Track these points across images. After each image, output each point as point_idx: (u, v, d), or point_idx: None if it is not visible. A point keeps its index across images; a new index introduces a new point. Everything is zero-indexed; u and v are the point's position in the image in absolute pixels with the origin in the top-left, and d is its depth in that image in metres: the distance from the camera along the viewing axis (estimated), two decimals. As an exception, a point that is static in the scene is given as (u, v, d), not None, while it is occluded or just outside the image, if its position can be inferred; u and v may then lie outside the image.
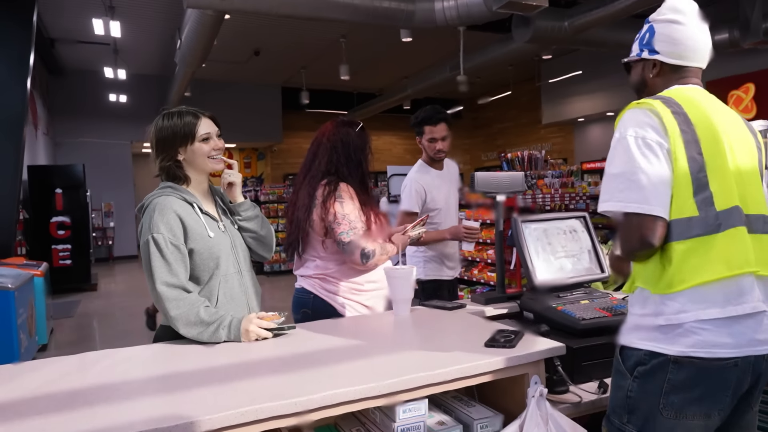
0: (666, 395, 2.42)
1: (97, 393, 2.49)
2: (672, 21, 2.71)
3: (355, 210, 4.13)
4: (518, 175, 4.40)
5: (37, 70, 17.93)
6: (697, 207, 2.42)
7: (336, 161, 4.25)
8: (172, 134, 3.42)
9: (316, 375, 2.63)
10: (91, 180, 18.81)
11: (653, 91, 2.77)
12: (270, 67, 23.40)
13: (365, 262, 4.06)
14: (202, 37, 13.64)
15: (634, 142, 2.49)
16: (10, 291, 7.82)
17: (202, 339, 3.18)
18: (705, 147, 2.48)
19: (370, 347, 3.15)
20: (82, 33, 17.69)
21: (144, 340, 3.33)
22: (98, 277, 18.63)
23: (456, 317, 3.77)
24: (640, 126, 2.51)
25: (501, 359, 2.79)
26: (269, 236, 3.80)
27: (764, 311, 2.44)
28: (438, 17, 12.28)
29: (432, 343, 3.14)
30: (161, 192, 3.40)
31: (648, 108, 2.53)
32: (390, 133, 31.40)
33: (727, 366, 2.39)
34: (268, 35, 18.97)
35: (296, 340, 3.25)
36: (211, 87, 24.48)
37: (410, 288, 3.85)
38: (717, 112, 2.64)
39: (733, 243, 2.42)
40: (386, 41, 18.91)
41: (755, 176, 2.64)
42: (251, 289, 3.65)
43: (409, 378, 2.57)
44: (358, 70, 22.20)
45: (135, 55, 20.86)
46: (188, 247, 3.32)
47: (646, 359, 2.48)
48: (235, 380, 2.58)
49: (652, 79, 2.81)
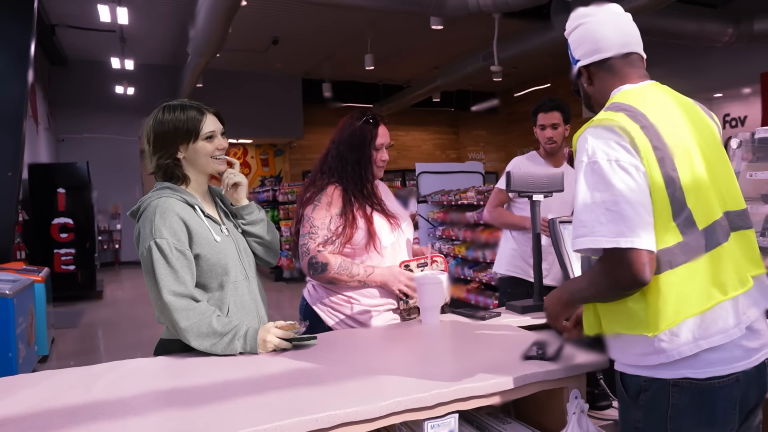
0: (672, 421, 2.42)
1: (102, 409, 2.49)
2: (576, 26, 2.80)
3: (327, 216, 4.04)
4: (557, 173, 4.39)
5: (38, 60, 18.02)
6: (680, 231, 2.38)
7: (331, 160, 4.22)
8: (174, 129, 3.36)
9: (338, 389, 2.63)
10: (97, 179, 18.85)
11: (600, 99, 2.77)
12: (289, 57, 23.41)
13: (312, 273, 3.98)
14: (217, 25, 13.68)
15: (609, 166, 2.39)
16: (8, 298, 7.81)
17: (216, 351, 3.17)
18: (678, 159, 2.43)
19: (396, 359, 3.16)
20: (87, 20, 17.69)
21: (153, 352, 3.32)
22: (104, 283, 18.66)
23: (490, 327, 3.77)
24: (609, 147, 2.41)
25: (539, 372, 2.78)
26: (275, 241, 3.78)
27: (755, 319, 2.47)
28: (471, 4, 12.28)
29: (463, 355, 3.14)
30: (159, 193, 3.36)
31: (615, 125, 2.44)
32: (419, 128, 31.40)
33: (729, 383, 2.39)
34: (287, 23, 18.97)
35: (317, 352, 3.25)
36: (226, 78, 24.54)
37: (440, 295, 3.84)
38: (676, 108, 2.63)
39: (722, 262, 2.41)
40: (415, 29, 18.84)
41: (727, 168, 2.65)
42: (259, 297, 3.64)
43: (439, 392, 2.56)
44: (384, 60, 22.14)
45: (144, 44, 20.87)
46: (194, 252, 3.29)
47: (647, 385, 2.47)
48: (251, 395, 2.58)
49: (590, 87, 2.81)
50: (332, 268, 3.92)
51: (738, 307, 2.41)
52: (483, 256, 10.81)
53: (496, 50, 15.85)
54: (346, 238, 4.02)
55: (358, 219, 4.07)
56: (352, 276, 3.96)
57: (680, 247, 2.38)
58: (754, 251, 2.59)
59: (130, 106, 22.93)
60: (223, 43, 15.26)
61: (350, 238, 4.03)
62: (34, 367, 9.13)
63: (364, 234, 4.06)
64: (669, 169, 2.39)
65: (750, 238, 2.59)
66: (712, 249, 2.40)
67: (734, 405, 2.42)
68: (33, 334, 9.26)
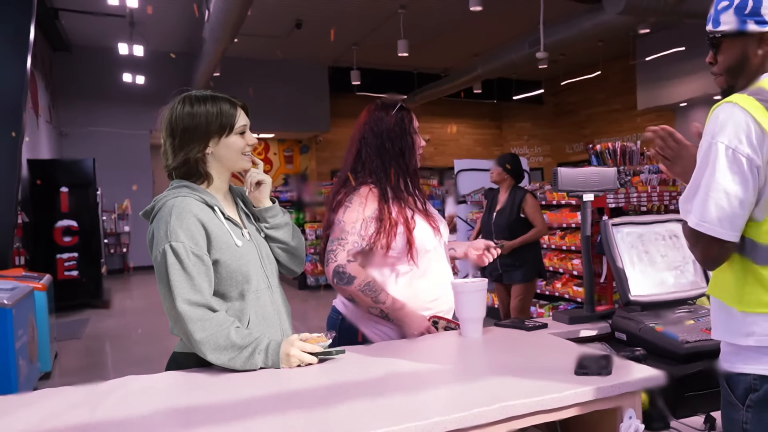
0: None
1: (111, 430, 2.51)
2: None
3: (359, 219, 3.97)
4: (609, 171, 4.38)
5: (39, 47, 18.16)
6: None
7: (365, 156, 4.17)
8: (206, 123, 3.35)
9: (369, 408, 2.61)
10: (103, 177, 18.88)
11: (753, 74, 2.73)
12: (314, 43, 23.42)
13: (336, 282, 3.89)
14: (235, 7, 13.70)
15: (724, 153, 2.47)
16: (6, 308, 7.77)
17: (235, 366, 3.13)
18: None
19: (433, 375, 3.15)
20: (92, 2, 17.82)
21: (165, 367, 3.32)
22: (111, 291, 18.74)
23: (536, 339, 3.76)
24: (734, 132, 2.47)
25: (590, 389, 2.76)
26: (300, 247, 3.75)
27: None
28: (515, -19, 12.28)
29: (507, 370, 3.12)
30: (176, 192, 3.33)
31: (749, 113, 2.46)
32: (457, 121, 31.38)
33: None
34: (312, 4, 19.00)
35: (346, 367, 3.23)
36: (245, 66, 24.66)
37: (482, 305, 3.80)
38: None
39: None
40: (452, 11, 18.91)
41: None
42: (282, 308, 3.60)
43: (480, 411, 2.53)
44: (418, 46, 22.13)
45: (154, 29, 20.97)
46: (212, 257, 3.26)
47: (757, 384, 2.48)
48: (273, 414, 2.58)
49: (759, 56, 2.71)
50: (359, 284, 3.85)
51: None
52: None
53: (543, 35, 15.82)
54: (384, 245, 3.95)
55: (398, 223, 3.99)
56: (377, 302, 3.87)
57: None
58: None
59: (140, 97, 22.97)
60: (240, 27, 15.27)
61: (388, 244, 3.95)
62: (36, 384, 9.13)
63: (404, 241, 3.99)
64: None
65: None
66: None
67: None
68: (35, 349, 9.26)
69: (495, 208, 9.36)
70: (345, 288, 3.87)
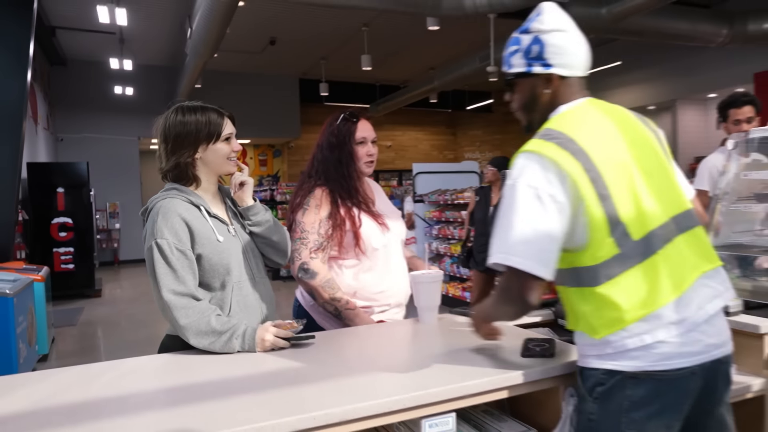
0: (627, 413, 2.46)
1: (102, 407, 2.50)
2: (558, 29, 2.72)
3: (317, 220, 4.04)
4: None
5: (38, 61, 18.04)
6: (616, 244, 2.46)
7: (316, 163, 4.22)
8: (196, 131, 3.40)
9: (336, 388, 2.63)
10: (96, 178, 18.93)
11: (545, 109, 2.78)
12: (287, 58, 23.46)
13: (301, 276, 3.96)
14: (215, 26, 13.68)
15: (524, 192, 2.49)
16: (8, 297, 7.80)
17: (214, 349, 3.18)
18: (609, 179, 2.49)
19: (393, 358, 3.17)
20: (86, 21, 17.70)
21: (151, 350, 3.32)
22: (103, 282, 18.67)
23: (486, 325, 3.76)
24: (533, 174, 2.49)
25: (534, 371, 2.78)
26: (283, 241, 3.77)
27: (713, 314, 2.52)
28: (467, 4, 12.29)
29: (460, 353, 3.12)
30: (165, 195, 3.39)
31: (544, 155, 2.50)
32: (416, 128, 31.51)
33: (685, 375, 2.44)
34: (284, 23, 18.97)
35: (315, 350, 3.25)
36: (224, 78, 24.66)
37: (437, 295, 3.84)
38: (611, 125, 2.67)
39: (662, 267, 2.47)
40: (411, 30, 18.94)
41: (667, 175, 2.72)
42: (266, 297, 3.63)
43: (436, 391, 2.56)
44: (381, 61, 22.32)
45: (142, 45, 20.94)
46: (196, 252, 3.31)
47: (605, 379, 2.51)
48: (249, 393, 2.59)
49: (546, 94, 2.77)
50: (321, 279, 3.92)
51: (685, 305, 2.46)
52: (479, 254, 10.82)
53: (493, 51, 15.87)
54: (336, 241, 4.04)
55: (345, 221, 4.06)
56: (334, 299, 3.91)
57: (617, 259, 2.47)
58: (706, 247, 2.65)
59: (130, 106, 23.31)
60: (220, 43, 15.25)
61: (341, 241, 4.04)
62: (35, 366, 9.13)
63: (352, 237, 4.06)
64: (601, 189, 2.46)
65: (699, 235, 2.65)
66: (649, 257, 2.47)
67: (688, 396, 2.48)
68: (33, 334, 9.25)
69: (490, 204, 9.56)
70: (308, 282, 3.92)
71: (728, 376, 2.62)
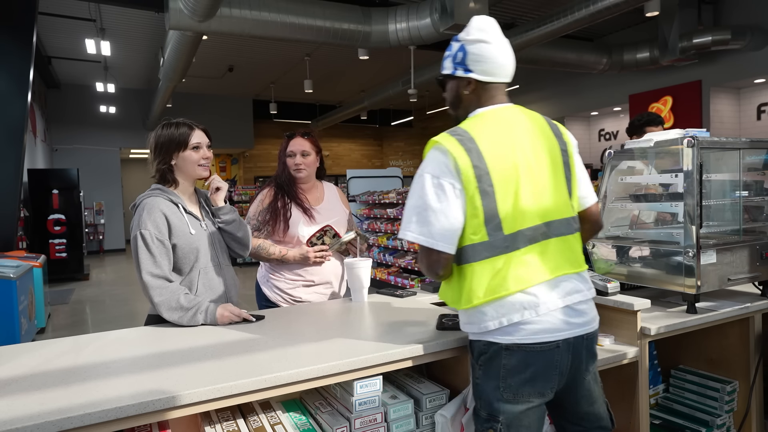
0: (504, 379, 2.49)
1: (90, 370, 2.50)
2: (480, 41, 2.68)
3: (259, 209, 4.34)
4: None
5: (36, 85, 17.74)
6: (487, 233, 2.47)
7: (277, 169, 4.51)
8: (169, 141, 3.47)
9: (283, 355, 2.66)
10: (84, 182, 18.70)
11: (467, 107, 2.77)
12: (242, 82, 23.23)
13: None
14: (183, 55, 13.55)
15: (430, 180, 2.50)
16: (12, 280, 7.84)
17: (182, 323, 3.23)
18: (496, 178, 2.49)
19: (331, 330, 3.17)
20: (76, 51, 17.40)
21: (131, 324, 3.30)
22: (90, 268, 18.48)
23: (408, 303, 3.82)
24: (437, 165, 2.51)
25: (446, 341, 2.84)
26: (245, 237, 3.80)
27: (573, 303, 2.56)
28: (392, 38, 12.32)
29: (386, 327, 3.15)
30: (151, 193, 3.46)
31: (446, 149, 2.51)
32: (349, 140, 31.49)
33: (551, 348, 2.48)
34: (241, 54, 18.78)
35: (267, 325, 3.29)
36: (191, 99, 24.50)
37: (367, 277, 3.89)
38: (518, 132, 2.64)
39: (521, 262, 2.49)
40: (346, 59, 18.88)
41: (557, 183, 2.67)
42: (230, 282, 3.67)
43: (366, 358, 2.61)
44: (320, 85, 22.36)
45: (123, 71, 20.63)
46: (172, 242, 3.36)
47: (485, 348, 2.54)
48: (211, 359, 2.61)
49: (467, 95, 2.76)
50: (254, 246, 4.19)
51: (543, 293, 2.49)
52: (401, 244, 10.88)
53: (413, 76, 15.92)
54: (272, 226, 4.30)
55: (280, 212, 4.29)
56: (269, 254, 4.22)
57: (485, 245, 2.48)
58: (574, 253, 2.66)
59: (112, 122, 23.21)
60: (187, 70, 15.11)
61: (274, 226, 4.30)
62: (34, 337, 9.05)
63: (284, 224, 4.27)
64: (486, 185, 2.46)
65: (570, 242, 2.65)
66: (512, 251, 2.48)
67: (555, 367, 2.50)
68: (33, 310, 9.19)
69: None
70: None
71: (593, 351, 2.65)
